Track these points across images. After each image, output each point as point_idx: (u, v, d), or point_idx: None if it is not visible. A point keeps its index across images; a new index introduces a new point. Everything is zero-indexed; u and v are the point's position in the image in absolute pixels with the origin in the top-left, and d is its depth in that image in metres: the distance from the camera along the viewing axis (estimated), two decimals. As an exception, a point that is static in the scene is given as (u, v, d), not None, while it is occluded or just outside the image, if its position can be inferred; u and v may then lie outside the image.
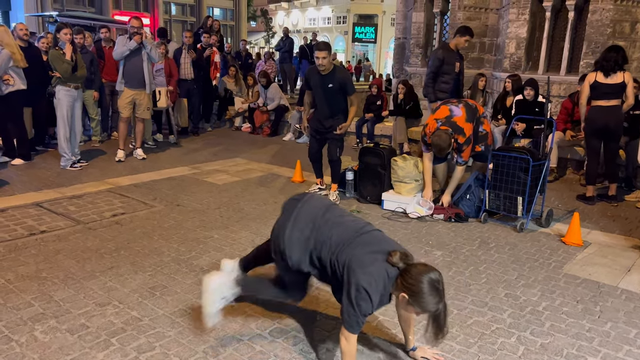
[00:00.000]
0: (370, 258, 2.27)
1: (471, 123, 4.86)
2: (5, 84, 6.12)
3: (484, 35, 10.07)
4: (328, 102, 5.26)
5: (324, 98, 5.26)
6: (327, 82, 5.17)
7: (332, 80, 5.16)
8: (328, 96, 5.24)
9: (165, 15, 26.06)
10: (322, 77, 5.19)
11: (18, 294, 3.22)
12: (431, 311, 2.18)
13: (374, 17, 35.36)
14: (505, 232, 4.62)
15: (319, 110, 5.38)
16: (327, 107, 5.28)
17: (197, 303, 3.16)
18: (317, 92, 5.31)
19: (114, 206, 5.02)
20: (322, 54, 5.04)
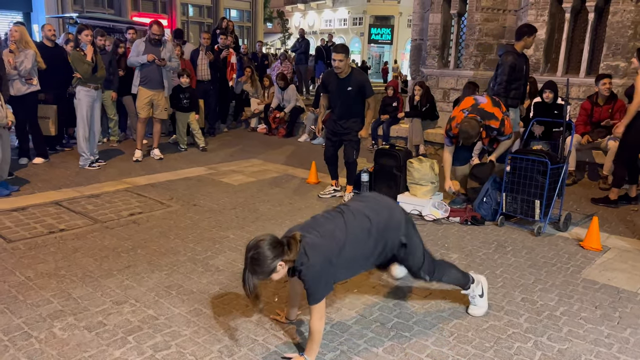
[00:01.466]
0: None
1: (498, 107, 4.78)
2: (28, 84, 6.24)
3: (502, 36, 9.97)
4: (346, 104, 5.26)
5: (341, 101, 5.26)
6: (345, 85, 5.17)
7: (350, 83, 5.16)
8: (346, 99, 5.24)
9: (182, 16, 26.31)
10: (340, 81, 5.19)
11: (37, 291, 3.27)
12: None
13: (390, 18, 35.26)
14: (522, 235, 4.57)
15: (336, 112, 5.38)
16: (344, 110, 5.28)
17: (212, 302, 3.19)
18: (334, 95, 5.31)
19: (131, 205, 5.08)
20: (339, 57, 5.03)
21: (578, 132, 6.50)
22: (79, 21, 15.77)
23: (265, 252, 2.38)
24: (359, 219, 2.64)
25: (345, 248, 2.54)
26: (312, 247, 2.45)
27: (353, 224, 2.62)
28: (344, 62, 5.08)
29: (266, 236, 2.44)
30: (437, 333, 2.93)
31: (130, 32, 8.54)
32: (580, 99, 7.76)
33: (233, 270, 3.69)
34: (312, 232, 2.54)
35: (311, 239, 2.49)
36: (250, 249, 2.43)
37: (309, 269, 2.43)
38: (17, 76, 6.16)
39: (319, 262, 2.44)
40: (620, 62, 7.41)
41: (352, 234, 2.59)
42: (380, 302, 3.27)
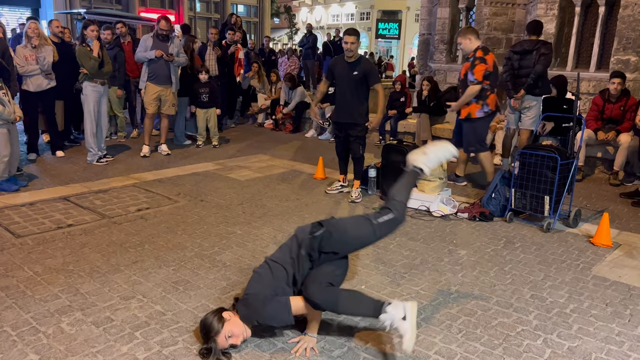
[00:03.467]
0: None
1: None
2: (49, 79, 6.30)
3: (511, 31, 9.88)
4: (350, 90, 5.17)
5: (347, 87, 5.18)
6: (351, 69, 5.11)
7: (357, 68, 5.11)
8: (352, 85, 5.16)
9: (190, 12, 26.31)
10: (347, 65, 5.14)
11: (45, 286, 3.28)
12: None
13: (397, 13, 35.08)
14: (531, 232, 4.52)
15: (342, 99, 5.27)
16: (350, 97, 5.19)
17: (219, 298, 3.18)
18: (341, 81, 5.24)
19: (138, 201, 5.09)
20: (351, 39, 5.00)
21: (589, 127, 6.42)
22: (87, 17, 15.82)
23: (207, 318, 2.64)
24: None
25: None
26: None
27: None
28: (356, 45, 5.03)
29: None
30: (445, 330, 2.91)
31: (119, 26, 8.41)
32: (590, 94, 7.67)
33: (240, 266, 3.68)
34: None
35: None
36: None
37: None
38: (39, 71, 6.22)
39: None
40: (631, 57, 7.32)
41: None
42: (388, 299, 3.24)
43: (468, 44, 5.57)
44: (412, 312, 2.46)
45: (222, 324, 2.58)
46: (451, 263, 3.83)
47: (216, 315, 2.62)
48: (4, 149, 5.17)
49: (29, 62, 6.18)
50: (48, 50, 6.27)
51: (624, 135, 6.15)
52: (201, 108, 7.74)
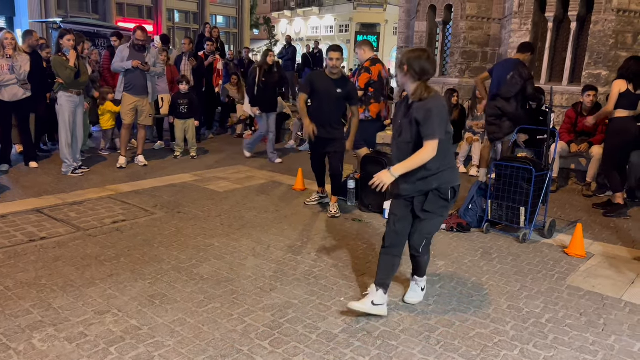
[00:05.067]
0: None
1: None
2: (25, 89, 6.19)
3: (486, 45, 10.09)
4: (330, 108, 5.08)
5: (329, 104, 5.06)
6: (336, 87, 5.01)
7: (342, 86, 5.03)
8: (334, 102, 5.08)
9: (168, 22, 26.22)
10: (331, 82, 5.03)
11: (17, 301, 3.19)
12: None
13: (376, 26, 35.49)
14: (507, 242, 4.59)
15: (321, 116, 5.11)
16: (330, 114, 5.10)
17: (196, 312, 3.14)
18: (322, 97, 5.07)
19: (114, 213, 5.00)
20: (337, 55, 4.91)
21: (562, 139, 6.57)
22: (63, 26, 15.61)
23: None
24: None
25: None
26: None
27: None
28: (341, 61, 4.96)
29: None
30: (424, 341, 2.92)
31: (113, 39, 8.42)
32: (563, 107, 7.86)
33: (218, 278, 3.64)
34: None
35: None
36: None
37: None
38: (15, 81, 6.11)
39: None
40: (602, 71, 7.53)
41: None
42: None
43: (362, 54, 6.05)
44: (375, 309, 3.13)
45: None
46: (429, 274, 3.84)
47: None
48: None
49: (4, 72, 6.07)
50: (24, 59, 6.17)
51: (596, 147, 6.31)
52: (180, 119, 7.68)
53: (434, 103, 2.98)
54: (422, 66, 2.99)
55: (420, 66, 2.99)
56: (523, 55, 6.21)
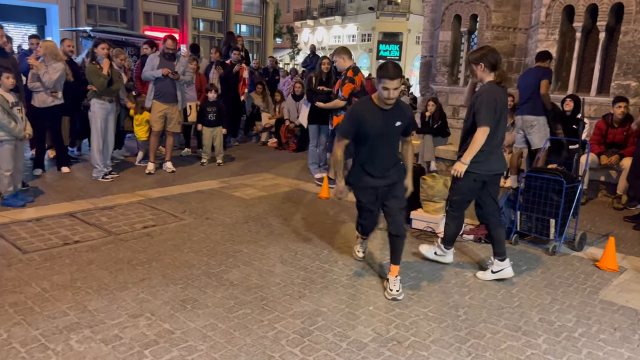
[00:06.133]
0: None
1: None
2: (53, 97, 6.34)
3: (512, 54, 10.02)
4: (391, 148, 3.67)
5: (387, 144, 3.62)
6: (393, 119, 3.55)
7: (399, 117, 3.56)
8: (391, 140, 3.65)
9: (193, 31, 26.65)
10: (385, 114, 3.52)
11: (54, 303, 3.27)
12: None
13: (399, 35, 35.51)
14: (537, 254, 4.54)
15: (377, 163, 3.66)
16: (388, 157, 3.67)
17: (227, 317, 3.18)
18: (375, 136, 3.57)
19: (144, 218, 5.09)
20: (394, 84, 3.37)
21: (592, 151, 6.49)
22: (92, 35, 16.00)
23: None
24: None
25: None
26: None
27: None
28: (399, 91, 3.46)
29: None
30: (454, 353, 2.90)
31: (144, 47, 8.66)
32: (591, 118, 7.75)
33: (247, 284, 3.68)
34: None
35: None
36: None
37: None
38: (42, 88, 6.27)
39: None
40: (631, 82, 7.42)
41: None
42: (396, 320, 3.25)
43: (342, 62, 6.10)
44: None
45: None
46: (458, 285, 3.83)
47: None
48: (7, 164, 5.18)
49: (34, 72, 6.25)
50: (56, 67, 6.31)
51: (627, 159, 6.20)
52: (208, 126, 7.79)
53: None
54: (495, 58, 3.80)
55: (494, 58, 3.79)
56: (544, 63, 6.27)
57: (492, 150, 3.83)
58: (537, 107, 6.40)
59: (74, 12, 21.78)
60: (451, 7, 10.47)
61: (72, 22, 21.37)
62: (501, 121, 3.83)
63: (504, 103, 3.82)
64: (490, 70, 3.78)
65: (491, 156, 3.84)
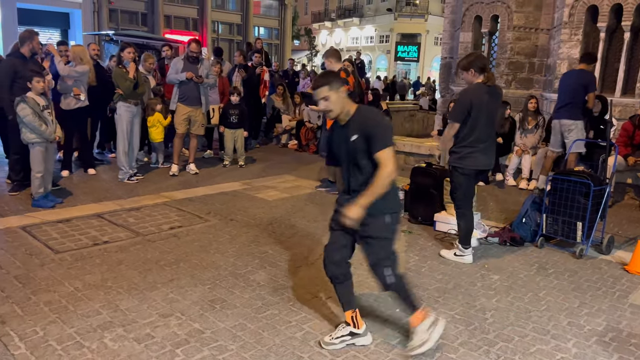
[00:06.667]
0: None
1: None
2: (76, 99, 6.47)
3: (534, 55, 9.94)
4: (354, 168, 2.87)
5: (346, 163, 2.90)
6: (349, 133, 2.81)
7: (355, 129, 2.79)
8: (350, 158, 2.86)
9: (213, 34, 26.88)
10: (342, 129, 2.87)
11: (87, 302, 3.35)
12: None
13: (417, 36, 35.39)
14: (563, 258, 4.49)
15: (345, 185, 3.00)
16: (354, 179, 2.88)
17: (256, 317, 3.22)
18: (338, 155, 2.98)
19: (170, 219, 5.17)
20: (318, 95, 2.78)
21: (619, 153, 6.39)
22: (114, 38, 16.28)
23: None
24: None
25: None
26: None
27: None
28: (332, 101, 2.76)
29: None
30: (483, 355, 2.90)
31: (165, 49, 8.80)
32: (616, 119, 7.64)
33: (274, 285, 3.72)
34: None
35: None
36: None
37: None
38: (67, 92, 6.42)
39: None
40: (658, 82, 7.30)
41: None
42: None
43: (330, 65, 6.14)
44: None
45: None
46: (484, 288, 3.82)
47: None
48: (38, 166, 5.31)
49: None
50: (80, 68, 6.45)
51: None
52: (230, 129, 7.88)
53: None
54: (483, 62, 4.13)
55: (482, 63, 4.12)
56: (588, 66, 6.21)
57: (474, 146, 4.14)
58: (576, 111, 6.22)
59: (97, 16, 22.16)
60: (472, 8, 10.43)
61: (94, 25, 21.76)
62: (480, 119, 4.11)
63: (485, 102, 4.12)
64: (479, 74, 4.17)
65: (475, 153, 4.15)
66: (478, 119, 4.09)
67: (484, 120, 4.13)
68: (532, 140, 7.35)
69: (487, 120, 4.16)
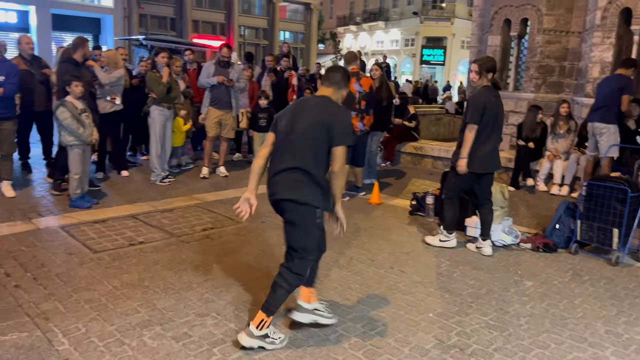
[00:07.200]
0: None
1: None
2: (112, 102, 6.64)
3: (564, 59, 9.78)
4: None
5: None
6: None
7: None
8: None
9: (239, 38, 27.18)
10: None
11: (125, 300, 3.44)
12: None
13: (443, 39, 35.14)
14: (598, 265, 4.42)
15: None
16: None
17: (289, 318, 3.26)
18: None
19: (202, 221, 5.26)
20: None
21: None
22: (144, 43, 16.63)
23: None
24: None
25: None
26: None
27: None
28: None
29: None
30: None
31: (188, 53, 8.97)
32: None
33: (306, 288, 3.75)
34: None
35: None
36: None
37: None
38: (102, 95, 6.60)
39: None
40: (694, 86, 7.12)
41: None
42: (457, 328, 3.25)
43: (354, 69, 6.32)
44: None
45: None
46: (518, 294, 3.79)
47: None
48: (76, 168, 5.47)
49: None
50: (116, 73, 6.63)
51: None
52: (259, 132, 7.97)
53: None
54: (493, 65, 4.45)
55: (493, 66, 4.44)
56: (627, 71, 6.13)
57: (480, 148, 4.40)
58: (609, 115, 6.18)
59: (127, 21, 22.66)
60: (501, 11, 10.32)
61: (125, 30, 22.25)
62: (490, 122, 4.38)
63: (494, 106, 4.40)
64: (487, 76, 4.44)
65: (480, 154, 4.42)
66: (488, 123, 4.38)
67: (492, 123, 4.42)
68: (564, 145, 7.24)
69: (494, 123, 4.44)
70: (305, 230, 2.95)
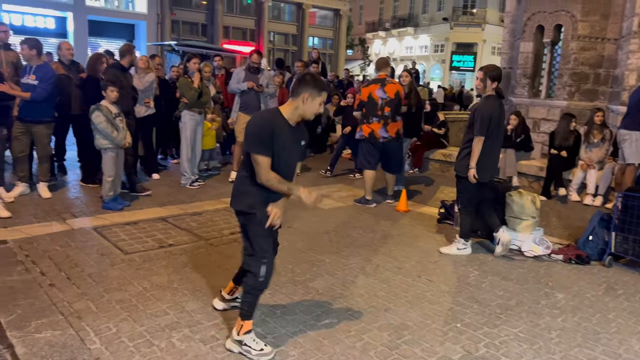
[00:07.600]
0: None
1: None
2: (147, 106, 6.81)
3: (599, 66, 9.55)
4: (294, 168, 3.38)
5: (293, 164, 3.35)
6: (299, 136, 3.20)
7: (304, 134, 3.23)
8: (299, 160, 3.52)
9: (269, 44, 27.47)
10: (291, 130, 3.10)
11: (155, 302, 3.51)
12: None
13: (473, 45, 34.75)
14: (634, 278, 4.29)
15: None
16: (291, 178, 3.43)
17: (315, 325, 3.26)
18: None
19: (230, 224, 5.32)
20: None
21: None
22: (176, 48, 16.97)
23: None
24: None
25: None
26: None
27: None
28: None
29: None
30: None
31: (217, 59, 9.12)
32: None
33: (332, 294, 3.76)
34: None
35: None
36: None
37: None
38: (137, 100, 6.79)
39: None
40: None
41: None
42: (485, 339, 3.19)
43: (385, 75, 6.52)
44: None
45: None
46: (549, 306, 3.71)
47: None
48: (110, 170, 5.61)
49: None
50: (148, 78, 6.79)
51: None
52: None
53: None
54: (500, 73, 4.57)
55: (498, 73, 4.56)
56: None
57: (485, 157, 4.56)
58: (634, 122, 6.10)
59: (160, 28, 23.17)
60: (533, 18, 10.16)
61: (157, 36, 22.75)
62: (494, 132, 4.55)
63: (497, 116, 4.55)
64: (492, 85, 4.55)
65: (485, 163, 4.59)
66: (492, 133, 4.55)
67: (496, 132, 4.59)
68: (598, 154, 7.07)
69: (497, 133, 4.62)
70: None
